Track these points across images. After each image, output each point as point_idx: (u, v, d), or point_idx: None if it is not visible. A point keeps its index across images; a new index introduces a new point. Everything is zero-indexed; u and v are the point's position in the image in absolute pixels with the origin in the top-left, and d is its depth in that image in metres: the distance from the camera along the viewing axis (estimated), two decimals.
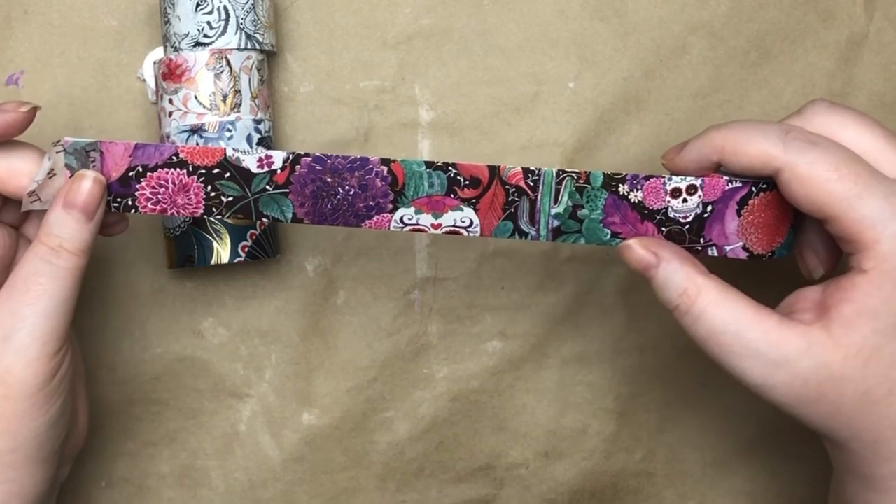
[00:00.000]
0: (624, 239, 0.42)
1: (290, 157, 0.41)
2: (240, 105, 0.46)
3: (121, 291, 0.51)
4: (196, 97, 0.46)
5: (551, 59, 0.51)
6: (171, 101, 0.47)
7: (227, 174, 0.41)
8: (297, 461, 0.52)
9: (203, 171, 0.41)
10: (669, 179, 0.41)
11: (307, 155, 0.41)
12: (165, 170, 0.41)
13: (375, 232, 0.51)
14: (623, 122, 0.52)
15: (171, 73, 0.47)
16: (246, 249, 0.47)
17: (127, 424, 0.51)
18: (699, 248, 0.42)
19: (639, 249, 0.40)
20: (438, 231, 0.41)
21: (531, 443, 0.53)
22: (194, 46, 0.46)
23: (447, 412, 0.53)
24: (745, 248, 0.42)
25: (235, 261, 0.47)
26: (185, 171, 0.41)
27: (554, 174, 0.41)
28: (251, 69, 0.47)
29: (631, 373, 0.53)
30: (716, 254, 0.42)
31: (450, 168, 0.41)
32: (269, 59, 0.50)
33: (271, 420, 0.52)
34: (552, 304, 0.52)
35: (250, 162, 0.41)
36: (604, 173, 0.41)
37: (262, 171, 0.41)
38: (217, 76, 0.46)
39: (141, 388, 0.51)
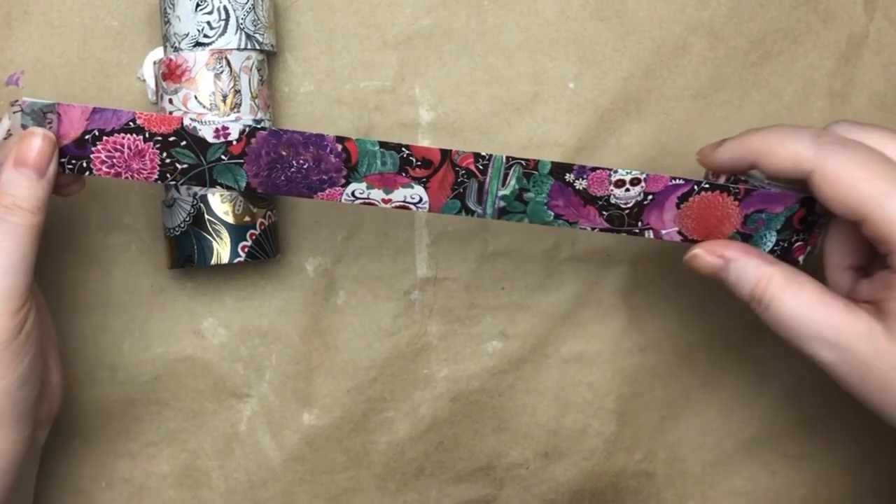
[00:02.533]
0: (567, 221, 0.43)
1: (247, 129, 0.41)
2: (240, 105, 0.46)
3: (121, 291, 0.51)
4: (196, 97, 0.46)
5: (551, 59, 0.51)
6: (171, 101, 0.47)
7: (183, 142, 0.41)
8: (297, 461, 0.52)
9: (159, 138, 0.41)
10: (615, 172, 0.42)
11: (263, 128, 0.41)
12: (122, 135, 0.41)
13: (376, 231, 0.51)
14: (623, 122, 0.52)
15: (171, 73, 0.47)
16: (246, 249, 0.47)
17: (127, 424, 0.51)
18: (637, 231, 0.43)
19: (706, 257, 0.42)
20: (388, 206, 0.42)
21: (531, 443, 0.53)
22: (194, 46, 0.46)
23: (447, 412, 0.53)
24: (679, 233, 0.43)
25: (235, 261, 0.47)
26: (141, 137, 0.41)
27: (504, 160, 0.42)
28: (251, 69, 0.47)
29: (631, 373, 0.53)
30: (652, 236, 0.43)
31: (403, 149, 0.42)
32: (269, 59, 0.50)
33: (271, 420, 0.52)
34: (552, 304, 0.52)
35: (207, 132, 0.41)
36: (552, 162, 0.42)
37: (217, 141, 0.41)
38: (217, 76, 0.46)
39: (141, 388, 0.51)
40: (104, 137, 0.41)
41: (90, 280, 0.51)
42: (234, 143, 0.41)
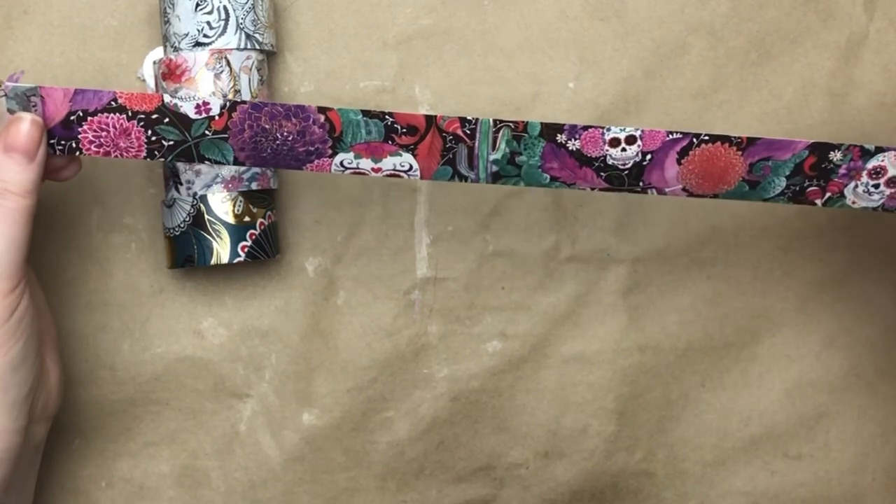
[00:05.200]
0: (564, 182, 0.42)
1: (228, 104, 0.42)
2: None
3: (121, 291, 0.51)
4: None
5: (551, 59, 0.51)
6: None
7: (167, 119, 0.42)
8: (297, 461, 0.52)
9: (142, 115, 0.42)
10: (608, 130, 0.42)
11: (243, 102, 0.42)
12: (105, 114, 0.42)
13: (376, 231, 0.51)
14: (623, 122, 0.52)
15: (171, 73, 0.47)
16: (246, 249, 0.47)
17: (127, 424, 0.51)
18: (639, 190, 0.43)
19: None
20: (379, 175, 0.42)
21: (531, 443, 0.53)
22: (194, 46, 0.46)
23: (447, 412, 0.53)
24: (684, 189, 0.43)
25: (235, 261, 0.47)
26: (124, 116, 0.42)
27: (491, 123, 0.42)
28: (251, 69, 0.47)
29: (631, 373, 0.53)
30: (655, 193, 0.43)
31: (386, 116, 0.42)
32: (269, 59, 0.50)
33: (271, 420, 0.52)
34: (552, 304, 0.52)
35: (188, 108, 0.42)
36: (541, 123, 0.42)
37: (200, 117, 0.42)
38: (217, 76, 0.46)
39: (141, 388, 0.51)
40: (88, 118, 0.42)
41: (90, 280, 0.51)
42: (216, 117, 0.42)
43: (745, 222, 0.53)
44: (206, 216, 0.47)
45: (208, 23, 0.46)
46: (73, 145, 0.42)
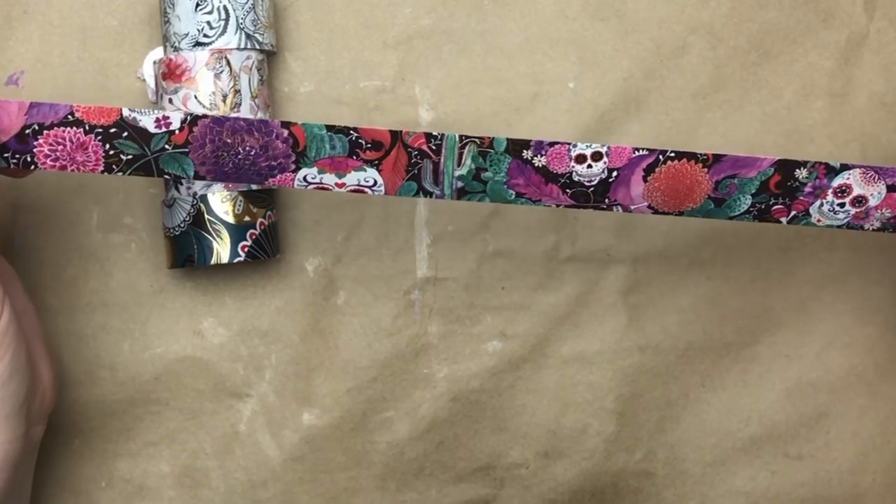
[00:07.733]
0: (529, 199, 0.42)
1: (188, 118, 0.41)
2: (240, 105, 0.46)
3: (121, 291, 0.51)
4: (196, 97, 0.46)
5: (551, 59, 0.51)
6: (170, 100, 0.47)
7: (125, 133, 0.41)
8: (297, 461, 0.52)
9: (100, 129, 0.41)
10: (575, 146, 0.41)
11: (205, 116, 0.41)
12: (62, 128, 0.41)
13: (376, 231, 0.51)
14: (623, 122, 0.52)
15: (171, 73, 0.47)
16: (246, 249, 0.47)
17: (127, 424, 0.51)
18: (604, 206, 0.43)
19: None
20: (343, 190, 0.42)
21: (531, 443, 0.53)
22: (194, 46, 0.46)
23: (447, 412, 0.53)
24: (650, 207, 0.43)
25: (235, 261, 0.47)
26: (81, 129, 0.41)
27: (457, 138, 0.41)
28: (251, 69, 0.47)
29: (631, 373, 0.53)
30: (620, 211, 0.43)
31: (351, 132, 0.41)
32: (269, 59, 0.50)
33: (271, 420, 0.52)
34: (552, 304, 0.52)
35: (147, 122, 0.41)
36: (507, 139, 0.42)
37: (159, 131, 0.41)
38: (217, 76, 0.46)
39: (141, 388, 0.51)
40: (45, 131, 0.41)
41: (90, 280, 0.51)
42: (177, 132, 0.41)
43: (745, 222, 0.53)
44: (207, 216, 0.47)
45: (208, 23, 0.46)
46: (28, 159, 0.41)
